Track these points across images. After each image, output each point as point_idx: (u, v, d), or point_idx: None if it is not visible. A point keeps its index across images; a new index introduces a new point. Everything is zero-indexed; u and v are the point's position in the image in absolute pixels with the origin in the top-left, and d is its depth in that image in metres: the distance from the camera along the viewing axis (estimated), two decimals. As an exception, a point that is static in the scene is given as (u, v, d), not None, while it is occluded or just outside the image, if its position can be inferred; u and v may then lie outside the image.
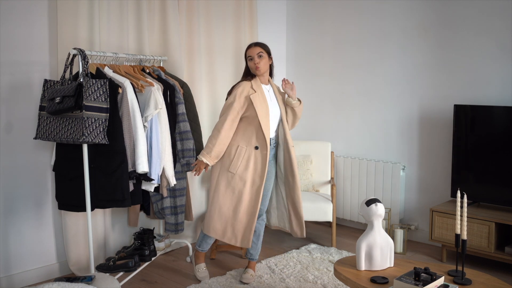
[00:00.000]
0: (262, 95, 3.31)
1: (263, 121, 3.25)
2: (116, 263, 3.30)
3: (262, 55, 3.29)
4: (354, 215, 4.69)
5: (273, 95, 3.42)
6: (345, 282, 2.60)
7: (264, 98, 3.31)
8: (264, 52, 3.30)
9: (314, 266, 3.74)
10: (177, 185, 3.65)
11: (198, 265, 3.58)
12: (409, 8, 4.31)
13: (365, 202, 2.70)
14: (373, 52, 4.58)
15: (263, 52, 3.29)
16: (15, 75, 3.31)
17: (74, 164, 3.08)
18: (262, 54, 3.29)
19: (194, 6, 4.17)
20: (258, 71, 3.28)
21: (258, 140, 3.28)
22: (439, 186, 4.23)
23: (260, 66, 3.27)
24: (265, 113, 3.27)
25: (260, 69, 3.28)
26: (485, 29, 3.90)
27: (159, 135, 3.38)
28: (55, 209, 3.53)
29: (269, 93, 3.39)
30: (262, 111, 3.26)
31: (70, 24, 3.42)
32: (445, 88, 4.15)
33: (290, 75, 5.24)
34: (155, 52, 3.97)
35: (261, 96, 3.30)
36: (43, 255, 3.53)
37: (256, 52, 3.28)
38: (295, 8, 5.16)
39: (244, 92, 3.27)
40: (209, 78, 4.41)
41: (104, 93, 2.94)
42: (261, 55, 3.28)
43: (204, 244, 3.54)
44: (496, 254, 3.58)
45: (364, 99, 4.68)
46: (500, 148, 3.71)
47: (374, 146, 4.65)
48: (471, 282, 2.46)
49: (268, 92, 3.38)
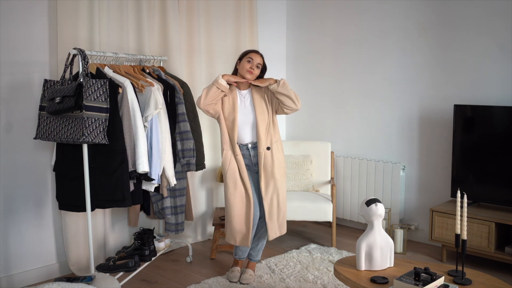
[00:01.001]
0: (233, 99, 3.38)
1: (228, 125, 3.38)
2: (116, 263, 3.30)
3: (259, 67, 3.38)
4: (354, 215, 4.69)
5: (249, 101, 3.41)
6: (345, 282, 2.60)
7: (234, 104, 3.36)
8: (261, 65, 3.40)
9: (314, 266, 3.74)
10: (177, 185, 3.65)
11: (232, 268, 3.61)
12: (409, 8, 4.31)
13: (365, 202, 2.70)
14: (373, 52, 4.58)
15: (260, 65, 3.39)
16: (15, 75, 3.31)
17: (74, 164, 3.08)
18: (259, 66, 3.38)
19: (194, 6, 4.18)
20: (250, 75, 3.34)
21: (231, 143, 3.39)
22: (439, 186, 4.23)
23: (252, 74, 3.34)
24: (232, 118, 3.35)
25: (251, 75, 3.34)
26: (485, 29, 3.90)
27: (159, 135, 3.38)
28: (55, 209, 3.53)
29: (244, 99, 3.41)
30: (228, 116, 3.37)
31: (70, 24, 3.42)
32: (445, 88, 4.15)
33: (290, 75, 5.25)
34: (155, 52, 3.97)
35: (231, 101, 3.38)
36: (43, 255, 3.53)
37: (257, 61, 3.36)
38: (295, 8, 5.16)
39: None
40: (209, 78, 4.41)
41: (104, 93, 2.94)
42: (258, 67, 3.37)
43: (235, 250, 3.59)
44: (496, 254, 3.58)
45: (364, 99, 4.68)
46: (500, 148, 3.71)
47: (374, 146, 4.65)
48: (471, 282, 2.46)
49: (244, 98, 3.41)
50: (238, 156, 3.36)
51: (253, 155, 3.41)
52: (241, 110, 3.39)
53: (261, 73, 3.43)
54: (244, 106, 3.40)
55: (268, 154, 3.36)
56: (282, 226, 3.46)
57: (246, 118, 3.38)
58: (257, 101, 3.40)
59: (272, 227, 3.39)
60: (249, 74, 3.33)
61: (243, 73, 3.35)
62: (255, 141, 3.40)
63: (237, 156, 3.36)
